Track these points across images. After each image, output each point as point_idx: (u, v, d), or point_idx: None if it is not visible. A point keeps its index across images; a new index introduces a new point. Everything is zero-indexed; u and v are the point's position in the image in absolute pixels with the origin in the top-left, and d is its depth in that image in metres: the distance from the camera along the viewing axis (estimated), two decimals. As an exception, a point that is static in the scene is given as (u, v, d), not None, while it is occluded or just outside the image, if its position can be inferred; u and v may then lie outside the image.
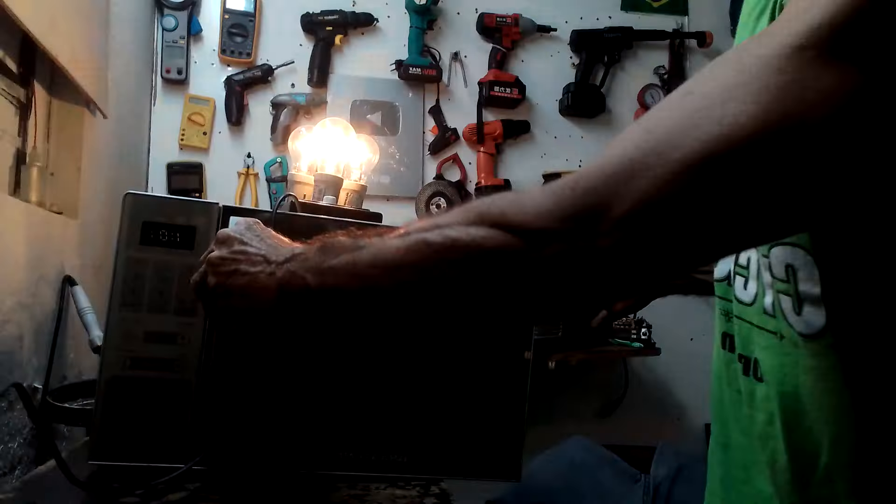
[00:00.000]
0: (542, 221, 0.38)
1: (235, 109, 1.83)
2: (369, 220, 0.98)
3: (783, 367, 0.48)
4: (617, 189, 0.36)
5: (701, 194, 0.35)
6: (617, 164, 0.37)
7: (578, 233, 0.37)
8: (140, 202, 0.66)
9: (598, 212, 0.37)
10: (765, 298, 0.50)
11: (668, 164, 0.35)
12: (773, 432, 0.50)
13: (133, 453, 0.64)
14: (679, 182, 0.35)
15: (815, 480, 0.46)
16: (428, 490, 0.69)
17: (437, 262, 0.42)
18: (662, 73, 2.10)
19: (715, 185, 0.35)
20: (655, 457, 1.08)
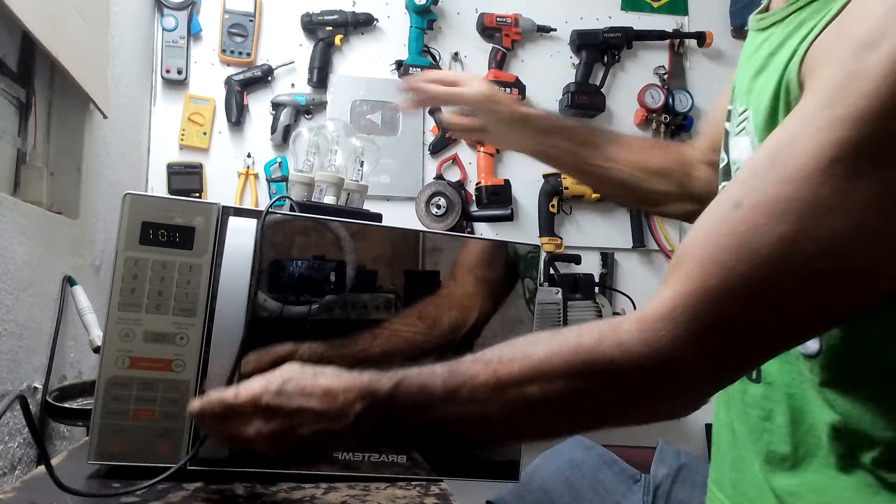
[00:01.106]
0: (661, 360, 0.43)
1: (235, 109, 1.83)
2: (369, 220, 0.98)
3: (790, 373, 0.53)
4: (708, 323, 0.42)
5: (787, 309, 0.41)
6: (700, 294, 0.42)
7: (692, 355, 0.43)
8: (140, 202, 0.66)
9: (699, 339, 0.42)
10: None
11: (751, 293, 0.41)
12: (768, 426, 0.56)
13: (133, 453, 0.64)
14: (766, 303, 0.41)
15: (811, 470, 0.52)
16: (428, 490, 0.69)
17: (548, 420, 0.47)
18: (662, 73, 2.10)
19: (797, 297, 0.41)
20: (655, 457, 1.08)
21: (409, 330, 0.70)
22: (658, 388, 0.45)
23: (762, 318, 0.41)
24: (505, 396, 0.46)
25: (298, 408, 0.51)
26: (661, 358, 0.43)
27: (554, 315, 1.67)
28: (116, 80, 1.40)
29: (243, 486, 0.66)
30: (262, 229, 0.69)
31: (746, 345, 0.43)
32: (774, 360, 0.55)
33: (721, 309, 0.41)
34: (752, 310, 0.41)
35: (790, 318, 0.42)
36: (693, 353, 0.42)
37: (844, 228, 0.39)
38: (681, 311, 0.42)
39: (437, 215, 1.84)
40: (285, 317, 0.70)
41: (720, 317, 0.41)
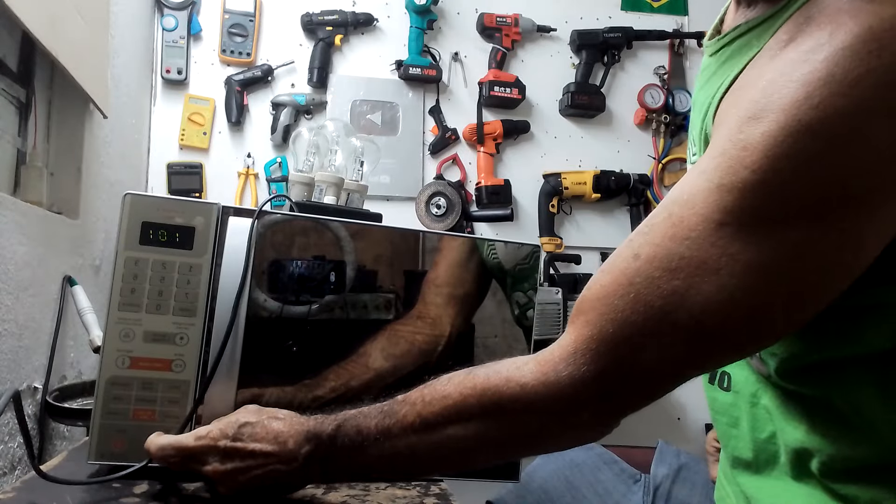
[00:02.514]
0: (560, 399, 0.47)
1: (235, 109, 1.83)
2: (369, 220, 0.98)
3: (755, 383, 0.57)
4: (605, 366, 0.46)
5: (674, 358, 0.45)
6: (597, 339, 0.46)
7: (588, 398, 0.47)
8: (140, 202, 0.66)
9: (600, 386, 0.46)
10: None
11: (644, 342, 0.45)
12: (734, 433, 0.60)
13: (133, 453, 0.64)
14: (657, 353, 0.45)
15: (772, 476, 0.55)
16: (428, 490, 0.69)
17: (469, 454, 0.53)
18: (662, 73, 2.10)
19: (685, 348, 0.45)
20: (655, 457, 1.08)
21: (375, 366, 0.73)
22: (561, 423, 0.49)
23: (653, 363, 0.45)
24: (430, 437, 0.52)
25: (252, 451, 0.57)
26: (563, 396, 0.47)
27: (554, 315, 1.67)
28: (116, 80, 1.40)
29: (243, 486, 0.66)
30: (258, 229, 0.69)
31: (640, 385, 0.47)
32: (742, 371, 0.59)
33: (617, 353, 0.45)
34: (644, 355, 0.45)
35: (678, 363, 0.46)
36: (591, 392, 0.46)
37: (729, 288, 0.42)
38: (581, 355, 0.46)
39: (437, 215, 1.84)
40: (285, 317, 0.70)
41: (616, 360, 0.45)
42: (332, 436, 0.55)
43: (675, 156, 2.07)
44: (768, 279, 0.42)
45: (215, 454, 0.57)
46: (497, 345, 0.76)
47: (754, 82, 0.45)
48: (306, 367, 0.70)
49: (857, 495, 0.50)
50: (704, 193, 0.43)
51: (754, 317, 0.43)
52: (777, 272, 0.42)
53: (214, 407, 0.65)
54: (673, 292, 0.43)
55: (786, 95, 0.41)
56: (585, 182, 1.96)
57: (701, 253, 0.42)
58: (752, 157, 0.41)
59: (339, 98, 1.91)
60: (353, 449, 0.54)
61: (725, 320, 0.43)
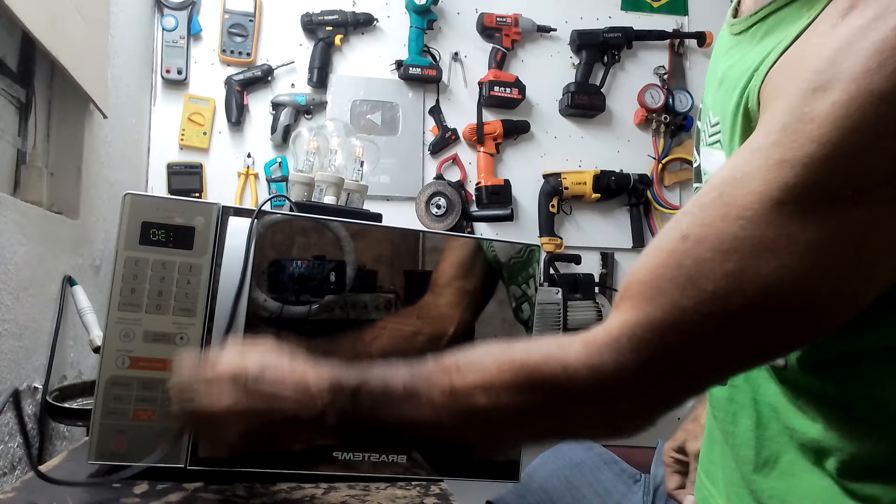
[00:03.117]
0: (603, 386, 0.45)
1: (235, 109, 1.83)
2: (369, 220, 0.98)
3: (757, 379, 0.56)
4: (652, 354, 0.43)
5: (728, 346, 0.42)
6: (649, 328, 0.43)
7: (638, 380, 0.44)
8: (140, 202, 0.66)
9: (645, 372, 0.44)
10: None
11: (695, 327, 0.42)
12: (731, 430, 0.58)
13: (133, 453, 0.64)
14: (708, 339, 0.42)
15: (775, 473, 0.54)
16: (428, 490, 0.69)
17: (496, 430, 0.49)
18: (662, 73, 2.10)
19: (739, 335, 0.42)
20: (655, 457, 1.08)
21: None
22: (599, 411, 0.46)
23: (703, 351, 0.43)
24: (457, 404, 0.48)
25: (272, 394, 0.52)
26: (605, 383, 0.44)
27: (554, 315, 1.67)
28: (116, 80, 1.40)
29: (243, 486, 0.66)
30: (258, 229, 0.69)
31: (687, 375, 0.44)
32: None
33: (664, 341, 0.42)
34: (694, 343, 0.42)
35: (729, 352, 0.43)
36: (636, 381, 0.44)
37: (789, 270, 0.40)
38: (626, 340, 0.43)
39: (437, 215, 1.84)
40: (285, 317, 0.70)
41: (663, 348, 0.43)
42: (356, 389, 0.51)
43: (675, 156, 2.07)
44: (832, 260, 0.40)
45: (236, 387, 0.52)
46: (497, 345, 0.76)
47: (816, 52, 0.42)
48: (306, 367, 0.70)
49: (879, 495, 0.48)
50: (762, 171, 0.41)
51: (816, 300, 0.41)
52: (841, 253, 0.40)
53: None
54: (726, 275, 0.40)
55: (855, 64, 0.38)
56: (585, 182, 1.96)
57: (757, 233, 0.40)
58: (819, 129, 0.39)
59: (339, 98, 1.91)
60: (376, 407, 0.50)
61: (785, 304, 0.40)
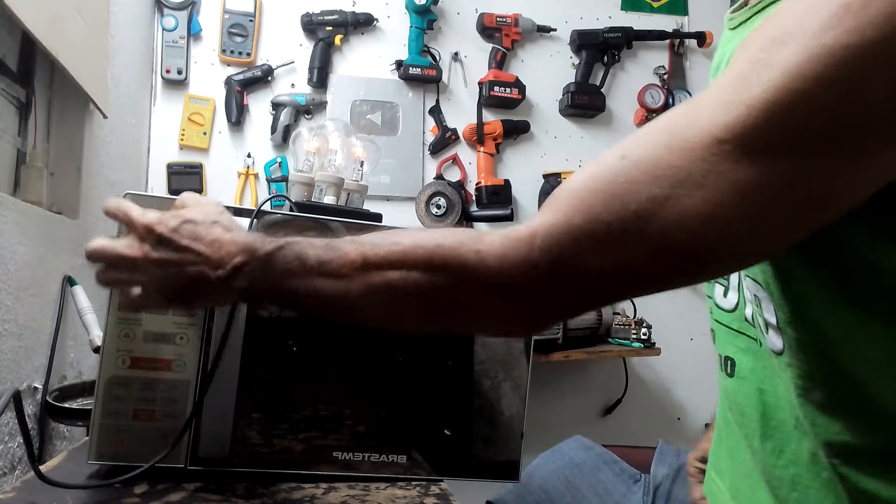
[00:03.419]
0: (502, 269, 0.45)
1: (235, 109, 1.83)
2: (369, 220, 0.98)
3: (764, 369, 0.56)
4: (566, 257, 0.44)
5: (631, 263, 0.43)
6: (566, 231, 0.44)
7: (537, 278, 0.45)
8: (140, 202, 0.66)
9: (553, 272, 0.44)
10: (745, 309, 0.57)
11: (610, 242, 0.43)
12: (742, 420, 0.59)
13: (133, 453, 0.64)
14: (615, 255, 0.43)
15: (783, 463, 0.55)
16: (428, 490, 0.69)
17: (400, 306, 0.49)
18: (662, 73, 2.10)
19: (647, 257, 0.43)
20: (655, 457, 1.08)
21: None
22: (502, 301, 0.47)
23: (609, 266, 0.43)
24: (367, 277, 0.49)
25: (185, 246, 0.54)
26: (512, 274, 0.45)
27: (554, 315, 1.67)
28: (116, 80, 1.40)
29: (243, 486, 0.66)
30: (258, 229, 0.69)
31: (590, 284, 0.45)
32: (747, 357, 0.58)
33: (577, 247, 0.43)
34: (605, 256, 0.43)
35: (634, 271, 0.44)
36: (540, 277, 0.45)
37: (709, 205, 0.41)
38: (541, 238, 0.44)
39: (437, 215, 1.84)
40: (285, 317, 0.70)
41: (574, 253, 0.44)
42: (270, 253, 0.52)
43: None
44: (751, 203, 0.40)
45: (150, 236, 0.55)
46: (497, 345, 0.76)
47: (784, 12, 0.43)
48: (306, 367, 0.70)
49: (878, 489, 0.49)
50: (710, 109, 0.42)
51: (726, 238, 0.42)
52: (762, 197, 0.40)
53: (214, 407, 0.65)
54: (651, 198, 0.42)
55: (815, 22, 0.39)
56: (585, 182, 1.96)
57: (690, 165, 0.41)
58: (767, 76, 0.39)
59: (339, 98, 1.91)
60: (286, 274, 0.52)
61: (695, 236, 0.41)
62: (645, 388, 2.10)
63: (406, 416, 0.72)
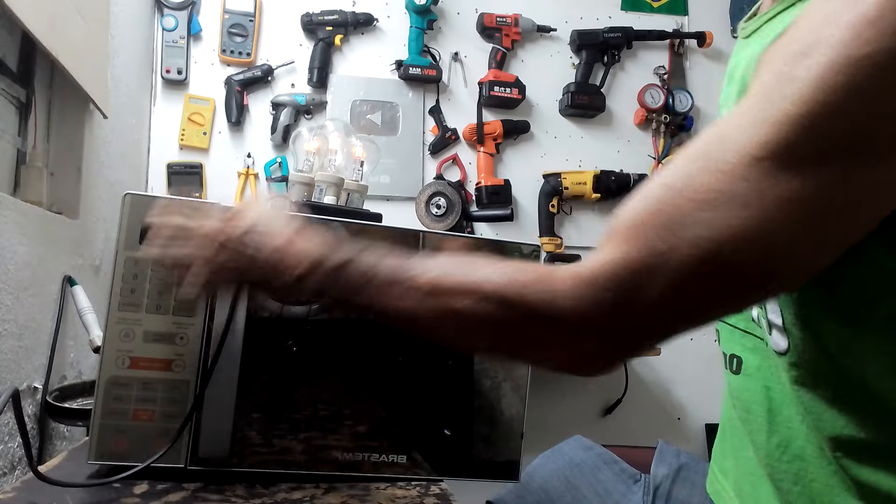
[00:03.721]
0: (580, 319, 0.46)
1: (235, 109, 1.83)
2: (369, 220, 0.98)
3: (769, 367, 0.57)
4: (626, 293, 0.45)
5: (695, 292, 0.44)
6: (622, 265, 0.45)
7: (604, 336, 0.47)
8: (140, 202, 0.66)
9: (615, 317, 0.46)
10: (752, 310, 0.58)
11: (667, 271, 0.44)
12: (749, 418, 0.60)
13: (133, 453, 0.64)
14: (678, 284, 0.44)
15: (788, 458, 0.56)
16: (428, 490, 0.69)
17: (467, 335, 0.51)
18: (662, 73, 2.10)
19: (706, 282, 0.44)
20: (655, 457, 1.08)
21: None
22: (570, 341, 0.48)
23: (669, 296, 0.44)
24: (436, 303, 0.50)
25: (250, 256, 0.55)
26: (582, 316, 0.46)
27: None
28: (116, 80, 1.40)
29: (243, 486, 0.66)
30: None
31: (653, 319, 0.46)
32: (755, 356, 0.59)
33: (638, 282, 0.44)
34: (665, 287, 0.44)
35: (692, 302, 0.45)
36: (608, 318, 0.46)
37: (755, 222, 0.42)
38: (604, 279, 0.45)
39: (437, 215, 1.84)
40: (285, 317, 0.70)
41: (636, 288, 0.44)
42: (337, 268, 0.53)
43: (675, 156, 2.07)
44: (796, 215, 0.42)
45: (212, 245, 0.56)
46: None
47: (805, 23, 0.44)
48: (306, 367, 0.70)
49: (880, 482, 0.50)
50: (743, 128, 0.43)
51: (777, 253, 0.43)
52: (806, 209, 0.41)
53: (214, 407, 0.65)
54: (699, 223, 0.43)
55: (837, 32, 0.40)
56: (585, 182, 1.96)
57: (732, 186, 0.42)
58: (796, 90, 0.41)
59: (339, 98, 1.91)
60: (354, 290, 0.53)
61: (747, 254, 0.42)
62: (645, 388, 2.10)
63: (406, 416, 0.72)
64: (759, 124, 0.42)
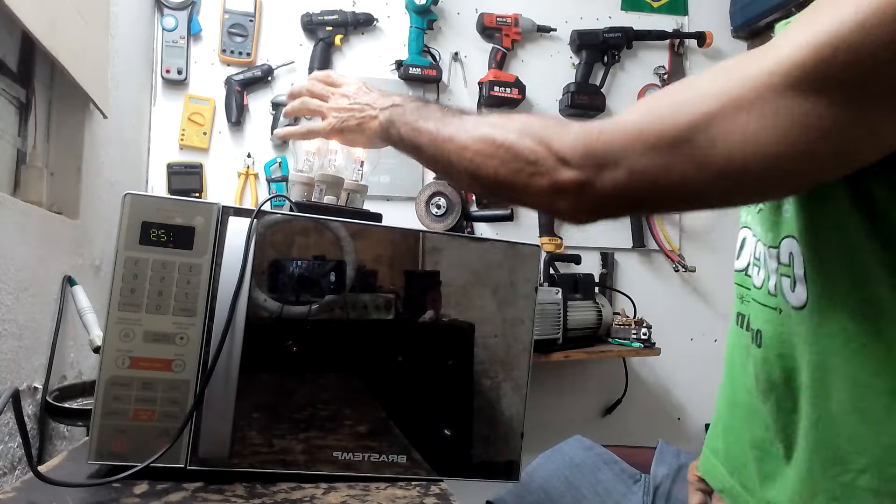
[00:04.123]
0: (571, 155, 0.55)
1: (235, 109, 1.83)
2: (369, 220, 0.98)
3: (781, 335, 0.61)
4: (622, 152, 0.52)
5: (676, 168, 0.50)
6: (627, 130, 0.52)
7: (591, 172, 0.54)
8: (140, 202, 0.66)
9: (607, 164, 0.53)
10: (769, 282, 0.63)
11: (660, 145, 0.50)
12: (772, 386, 0.62)
13: (133, 453, 0.64)
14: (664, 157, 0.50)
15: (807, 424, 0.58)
16: (428, 490, 0.69)
17: (493, 155, 0.61)
18: (662, 73, 2.10)
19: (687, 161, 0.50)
20: (655, 457, 1.08)
21: None
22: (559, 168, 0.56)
23: (656, 166, 0.50)
24: (477, 125, 0.65)
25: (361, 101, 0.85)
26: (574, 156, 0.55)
27: (554, 315, 1.67)
28: (116, 80, 1.40)
29: (243, 486, 0.66)
30: (258, 229, 0.69)
31: (635, 183, 0.52)
32: (769, 324, 0.62)
33: (633, 143, 0.51)
34: (653, 156, 0.50)
35: (675, 180, 0.51)
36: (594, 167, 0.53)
37: (748, 130, 0.46)
38: (606, 133, 0.53)
39: (437, 215, 1.84)
40: (285, 317, 0.70)
41: (627, 145, 0.52)
42: (419, 99, 0.78)
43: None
44: (791, 132, 0.45)
45: (336, 95, 0.89)
46: (497, 345, 0.76)
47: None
48: (306, 367, 0.70)
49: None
50: (767, 48, 0.48)
51: (762, 164, 0.47)
52: (803, 130, 0.45)
53: (214, 407, 0.65)
54: (704, 113, 0.48)
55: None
56: (585, 182, 1.96)
57: (736, 89, 0.47)
58: (832, 17, 0.43)
59: (339, 98, 1.91)
60: (422, 114, 0.73)
61: (735, 153, 0.47)
62: (645, 388, 2.10)
63: (406, 416, 0.72)
64: (780, 47, 0.46)
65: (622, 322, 1.86)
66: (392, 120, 0.78)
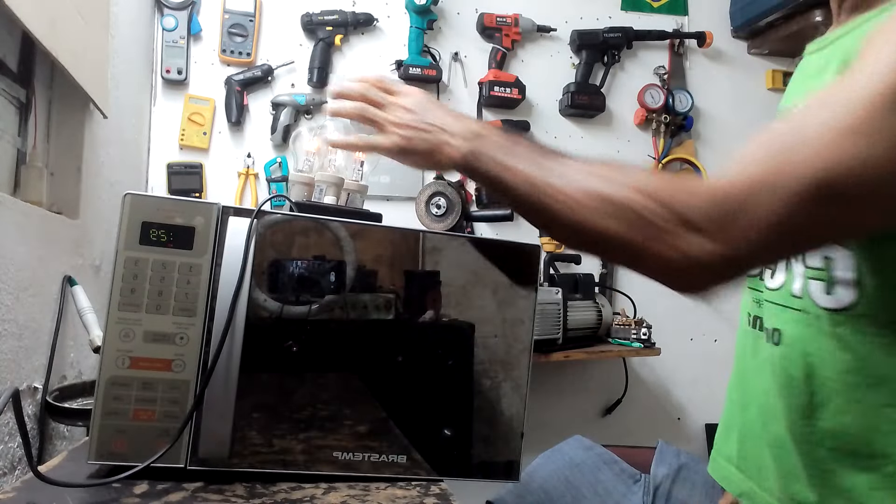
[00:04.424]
0: (696, 218, 0.51)
1: (235, 109, 1.83)
2: (369, 220, 0.98)
3: (804, 335, 0.62)
4: (745, 212, 0.49)
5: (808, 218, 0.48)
6: (747, 186, 0.49)
7: (718, 238, 0.50)
8: (140, 202, 0.66)
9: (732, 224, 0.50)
10: (793, 284, 0.64)
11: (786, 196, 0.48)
12: (791, 383, 0.63)
13: (133, 453, 0.64)
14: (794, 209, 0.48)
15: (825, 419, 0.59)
16: (428, 490, 0.69)
17: (606, 217, 0.54)
18: (662, 73, 2.10)
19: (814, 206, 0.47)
20: (655, 457, 1.08)
21: None
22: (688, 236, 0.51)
23: (780, 212, 0.48)
24: (587, 181, 0.57)
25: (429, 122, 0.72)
26: (705, 216, 0.50)
27: (554, 315, 1.67)
28: (116, 80, 1.40)
29: (243, 486, 0.66)
30: (258, 229, 0.69)
31: (765, 232, 0.49)
32: (791, 325, 0.63)
33: (753, 193, 0.49)
34: (773, 201, 0.48)
35: (802, 222, 0.48)
36: (726, 223, 0.50)
37: (863, 155, 0.45)
38: (724, 192, 0.50)
39: (437, 215, 1.84)
40: (285, 317, 0.70)
41: (755, 205, 0.49)
42: (505, 131, 0.67)
43: (675, 156, 2.08)
44: None
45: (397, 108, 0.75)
46: (497, 345, 0.76)
47: None
48: (306, 367, 0.70)
49: None
50: (867, 72, 0.47)
51: (881, 185, 0.46)
52: None
53: (214, 407, 0.65)
54: (816, 150, 0.47)
55: None
56: (585, 182, 1.96)
57: (846, 119, 0.46)
58: None
59: (339, 98, 1.91)
60: (511, 151, 0.64)
61: (850, 181, 0.46)
62: (645, 388, 2.10)
63: (406, 416, 0.72)
64: (881, 69, 0.46)
65: (622, 322, 1.86)
66: (477, 154, 0.66)
